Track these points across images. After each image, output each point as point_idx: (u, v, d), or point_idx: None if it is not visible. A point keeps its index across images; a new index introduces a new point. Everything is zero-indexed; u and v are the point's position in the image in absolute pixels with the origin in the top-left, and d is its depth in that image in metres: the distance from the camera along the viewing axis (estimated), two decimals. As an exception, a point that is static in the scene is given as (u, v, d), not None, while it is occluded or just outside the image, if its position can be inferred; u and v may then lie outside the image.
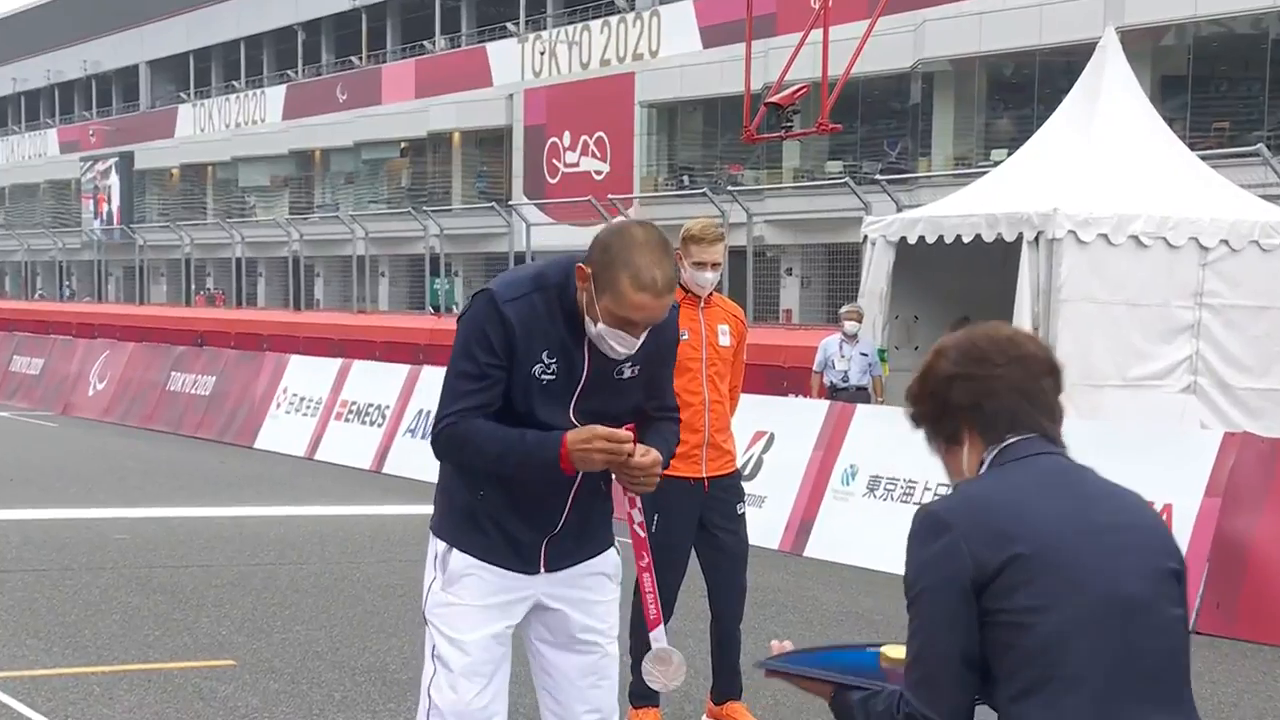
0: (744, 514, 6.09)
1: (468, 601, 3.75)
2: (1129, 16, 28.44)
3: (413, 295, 42.07)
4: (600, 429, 3.63)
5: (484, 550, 3.77)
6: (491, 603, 3.77)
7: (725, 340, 6.04)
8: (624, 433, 3.64)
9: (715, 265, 5.99)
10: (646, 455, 3.66)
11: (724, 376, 6.04)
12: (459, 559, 3.78)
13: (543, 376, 3.67)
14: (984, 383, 2.54)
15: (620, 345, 3.65)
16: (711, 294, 6.08)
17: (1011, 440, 2.52)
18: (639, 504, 3.76)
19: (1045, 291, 12.82)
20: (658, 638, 3.76)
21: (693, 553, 6.01)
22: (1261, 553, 8.40)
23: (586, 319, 3.65)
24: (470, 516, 3.78)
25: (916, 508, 2.67)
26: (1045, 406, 2.54)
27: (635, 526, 3.75)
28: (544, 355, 3.67)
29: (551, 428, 3.67)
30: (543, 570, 3.80)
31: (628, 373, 3.75)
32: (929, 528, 2.45)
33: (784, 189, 34.78)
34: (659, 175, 41.01)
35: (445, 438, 3.67)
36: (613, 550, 3.91)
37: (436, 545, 3.84)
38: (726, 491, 6.02)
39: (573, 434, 3.63)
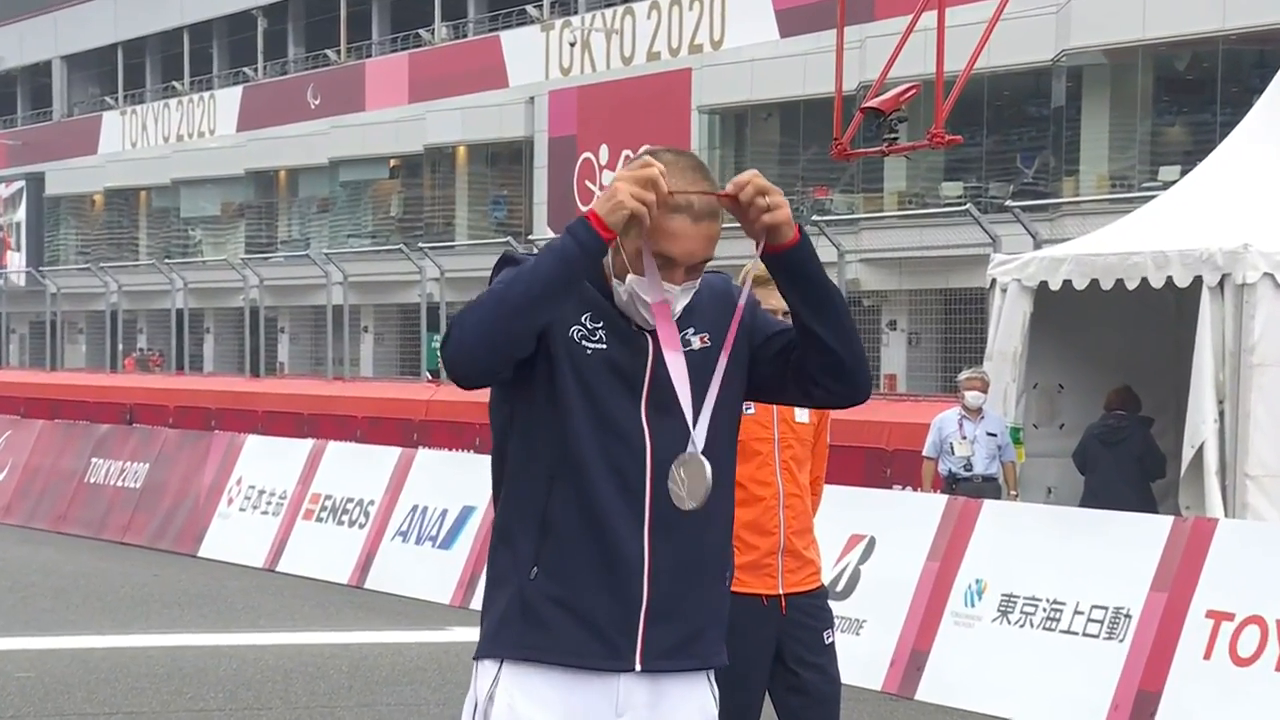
0: (834, 644, 6.06)
1: None
2: (1340, -7, 28.37)
3: (405, 357, 42.19)
4: (624, 175, 3.66)
5: (551, 648, 3.72)
6: None
7: (803, 416, 6.01)
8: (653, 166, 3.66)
9: (786, 315, 5.98)
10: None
11: (803, 463, 6.02)
12: (515, 682, 3.72)
13: (587, 344, 3.74)
14: None
15: (656, 298, 3.73)
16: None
17: None
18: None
19: (1233, 353, 12.74)
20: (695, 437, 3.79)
21: (767, 695, 5.98)
22: None
23: (614, 283, 3.75)
24: (525, 608, 3.75)
25: (1064, 636, 2.65)
26: None
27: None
28: (584, 318, 3.75)
29: (624, 429, 3.71)
30: (638, 664, 3.74)
31: (695, 343, 3.82)
32: None
33: (886, 219, 34.78)
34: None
35: (456, 323, 3.65)
36: (710, 682, 3.88)
37: (481, 671, 3.79)
38: (810, 614, 5.98)
39: (595, 201, 3.68)
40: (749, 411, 5.85)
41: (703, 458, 3.75)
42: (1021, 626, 10.23)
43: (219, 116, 57.16)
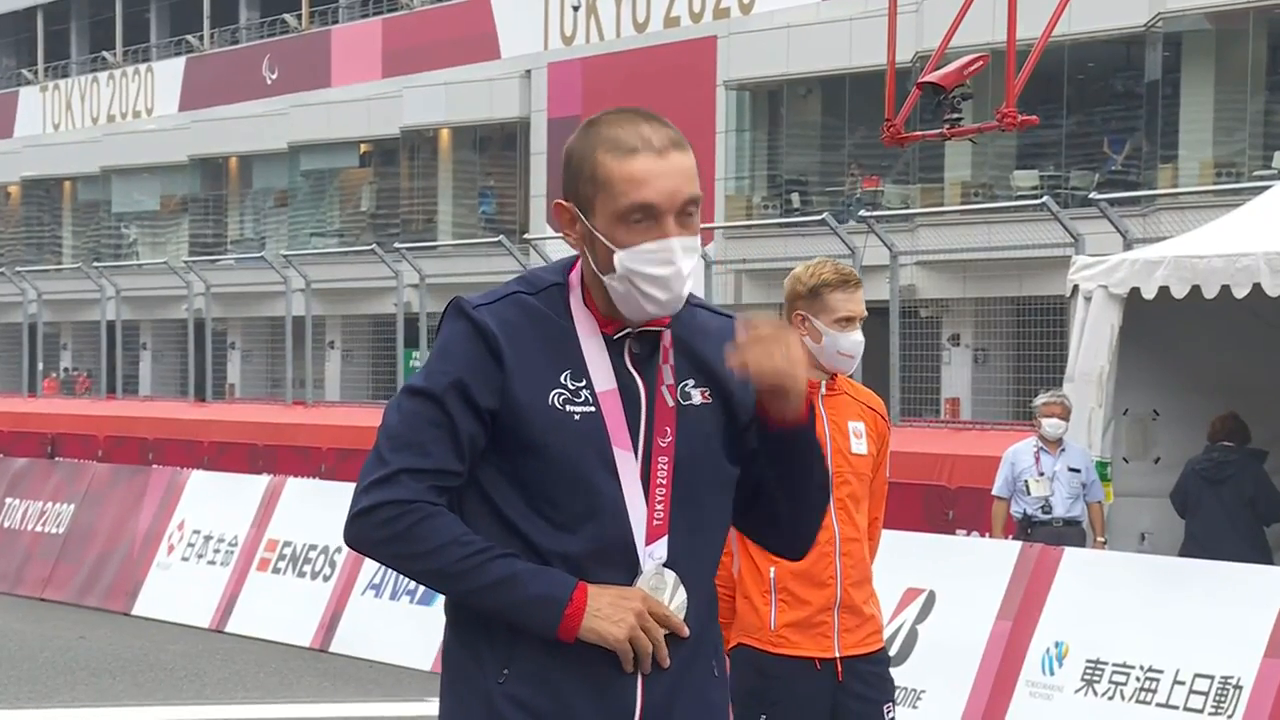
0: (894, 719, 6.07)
1: None
2: None
3: (378, 377, 42.17)
4: (651, 597, 3.70)
5: None
6: None
7: (860, 446, 6.04)
8: (679, 622, 3.74)
9: (861, 320, 6.11)
10: None
11: (860, 502, 6.04)
12: None
13: (571, 408, 3.74)
14: None
15: (658, 267, 3.72)
16: (835, 376, 6.12)
17: None
18: None
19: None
20: (655, 553, 3.79)
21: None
22: None
23: (605, 281, 3.75)
24: (492, 717, 3.79)
25: (1161, 710, 2.66)
26: None
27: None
28: (564, 377, 3.75)
29: (615, 502, 3.72)
30: None
31: (695, 396, 3.83)
32: None
33: (948, 214, 34.73)
34: (754, 193, 41.13)
35: (381, 511, 3.73)
36: None
37: None
38: (870, 683, 6.00)
39: (599, 591, 3.70)
40: None
41: (667, 572, 3.79)
42: (1110, 698, 10.21)
43: (158, 94, 57.22)
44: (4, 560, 18.85)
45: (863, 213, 26.10)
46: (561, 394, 3.74)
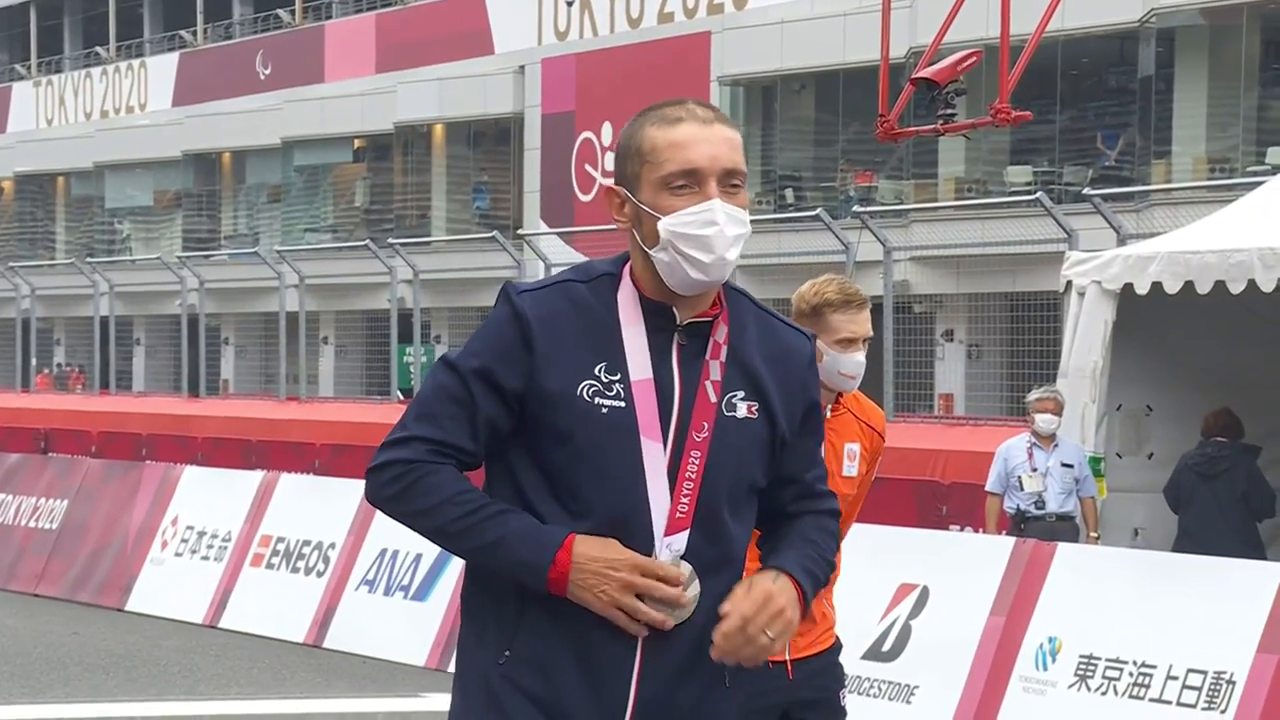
0: (846, 706, 6.13)
1: None
2: None
3: (372, 373, 42.19)
4: (640, 558, 3.70)
5: None
6: None
7: (850, 468, 6.10)
8: (675, 571, 3.74)
9: (866, 341, 6.12)
10: (734, 615, 3.75)
11: (836, 520, 6.12)
12: None
13: (602, 402, 3.75)
14: None
15: (700, 228, 3.77)
16: (841, 394, 6.16)
17: None
18: None
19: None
20: (673, 545, 3.80)
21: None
22: None
23: (652, 255, 3.79)
24: (490, 697, 3.80)
25: (1155, 705, 2.67)
26: None
27: None
28: (598, 369, 3.78)
29: (633, 502, 3.74)
30: None
31: (741, 409, 3.85)
32: None
33: (941, 209, 34.75)
34: (748, 189, 41.04)
35: (389, 470, 3.81)
36: None
37: None
38: (822, 674, 6.06)
39: (586, 543, 3.72)
40: None
41: (684, 564, 3.81)
42: (1104, 693, 10.21)
43: (151, 89, 57.18)
44: (-3, 556, 18.85)
45: (857, 208, 26.10)
46: (592, 386, 3.77)
